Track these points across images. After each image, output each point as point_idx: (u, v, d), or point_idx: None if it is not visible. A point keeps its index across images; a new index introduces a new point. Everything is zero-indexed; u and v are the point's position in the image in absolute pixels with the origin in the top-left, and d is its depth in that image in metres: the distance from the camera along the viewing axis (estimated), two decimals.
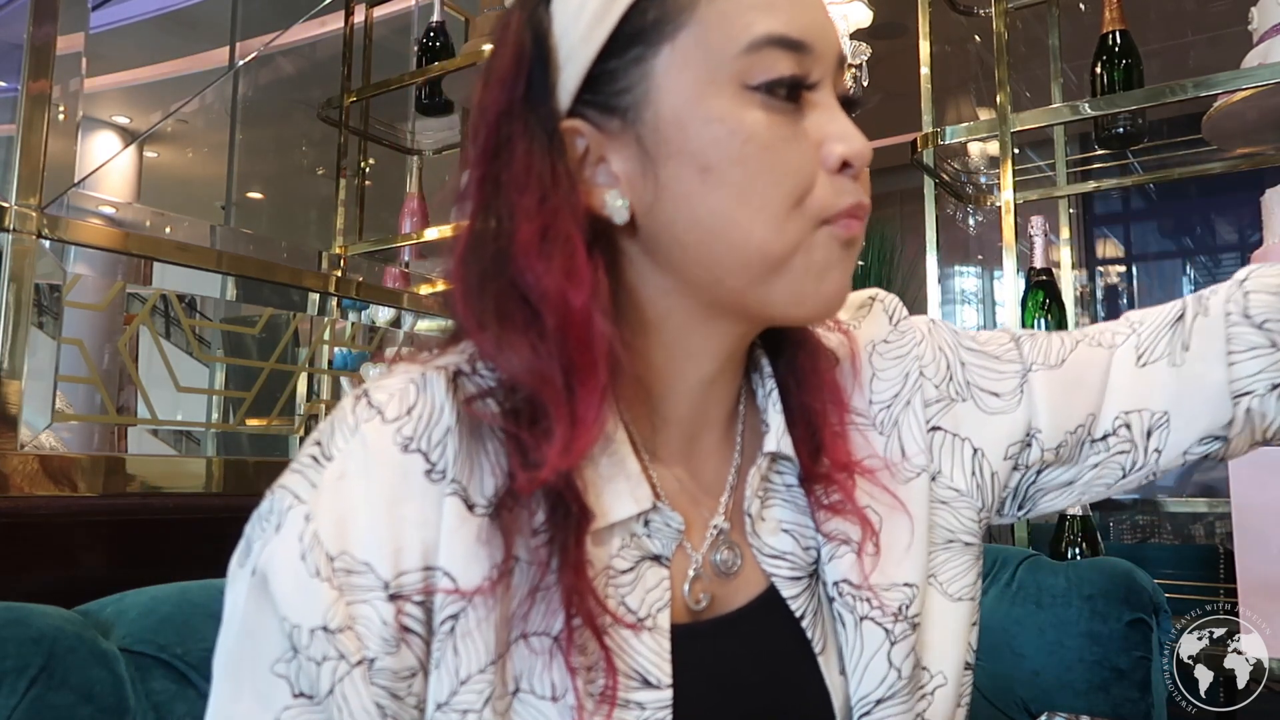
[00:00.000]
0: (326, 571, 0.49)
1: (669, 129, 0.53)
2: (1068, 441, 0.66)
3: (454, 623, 0.50)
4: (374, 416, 0.52)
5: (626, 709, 0.52)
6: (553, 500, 0.51)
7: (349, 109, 2.29)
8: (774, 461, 0.61)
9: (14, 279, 1.07)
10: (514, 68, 0.56)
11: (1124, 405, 0.65)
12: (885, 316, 0.68)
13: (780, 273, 0.53)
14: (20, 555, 0.97)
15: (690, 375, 0.59)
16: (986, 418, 0.66)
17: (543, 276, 0.52)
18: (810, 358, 0.63)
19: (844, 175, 0.54)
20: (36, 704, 0.72)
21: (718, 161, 0.52)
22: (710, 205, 0.53)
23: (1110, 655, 1.19)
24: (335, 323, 1.58)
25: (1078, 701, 1.19)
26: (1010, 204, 1.68)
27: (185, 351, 1.47)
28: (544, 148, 0.54)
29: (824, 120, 0.54)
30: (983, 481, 0.65)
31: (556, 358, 0.51)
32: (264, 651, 0.50)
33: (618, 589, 0.53)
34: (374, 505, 0.50)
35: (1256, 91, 1.52)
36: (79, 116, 1.17)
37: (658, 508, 0.55)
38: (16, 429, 1.05)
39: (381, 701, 0.49)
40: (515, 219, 0.53)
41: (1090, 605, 1.21)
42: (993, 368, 0.67)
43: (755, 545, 0.60)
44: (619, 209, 0.55)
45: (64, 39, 1.16)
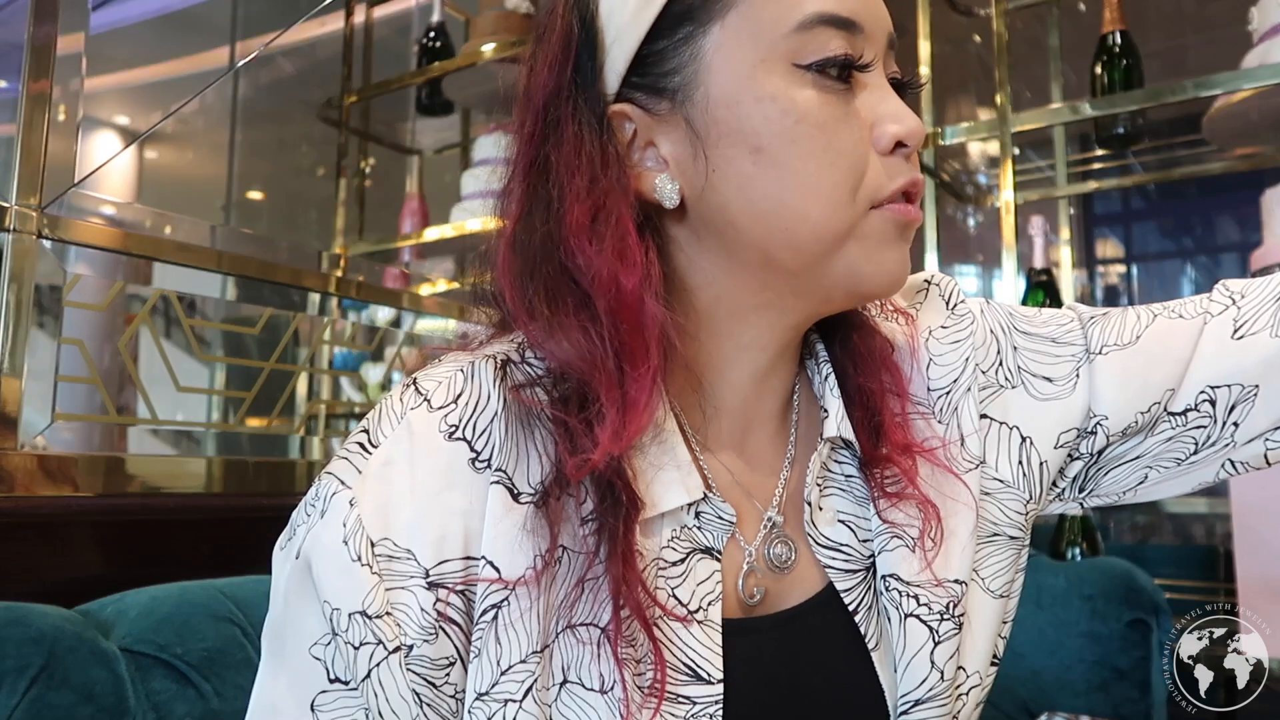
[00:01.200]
0: (368, 557, 0.49)
1: (720, 109, 0.52)
2: (1140, 421, 0.62)
3: (496, 612, 0.50)
4: (421, 404, 0.52)
5: (676, 703, 0.51)
6: (602, 488, 0.50)
7: (349, 109, 2.29)
8: (833, 449, 0.59)
9: (14, 279, 1.07)
10: (562, 51, 0.55)
11: (1210, 379, 0.61)
12: (942, 301, 0.66)
13: (835, 255, 0.53)
14: (20, 555, 0.97)
15: (743, 365, 0.58)
16: (1038, 404, 0.63)
17: (594, 259, 0.51)
18: (865, 340, 0.61)
19: (896, 155, 0.54)
20: (37, 704, 0.72)
21: (770, 142, 0.52)
22: (763, 187, 0.52)
23: (1110, 655, 1.19)
24: (335, 323, 1.58)
25: (1078, 701, 1.19)
26: (1010, 204, 1.68)
27: (185, 351, 1.47)
28: (593, 131, 0.54)
29: (876, 101, 0.54)
30: (1029, 471, 0.63)
31: (609, 341, 0.51)
32: (304, 633, 0.50)
33: (668, 581, 0.53)
34: (418, 493, 0.50)
35: (1256, 91, 1.52)
36: (79, 117, 1.17)
37: (708, 498, 0.55)
38: (16, 429, 1.05)
39: (418, 689, 0.49)
40: (565, 202, 0.53)
41: (1090, 605, 1.21)
42: (1048, 351, 0.64)
43: (811, 535, 0.58)
44: (669, 192, 0.54)
45: (64, 39, 1.15)
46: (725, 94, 0.52)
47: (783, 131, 0.51)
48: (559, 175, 0.53)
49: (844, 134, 0.52)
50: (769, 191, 0.52)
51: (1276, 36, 1.53)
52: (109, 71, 1.52)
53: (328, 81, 2.29)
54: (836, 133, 0.52)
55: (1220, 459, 0.64)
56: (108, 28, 1.35)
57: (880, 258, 0.53)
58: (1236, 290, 0.64)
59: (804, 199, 0.52)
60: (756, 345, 0.57)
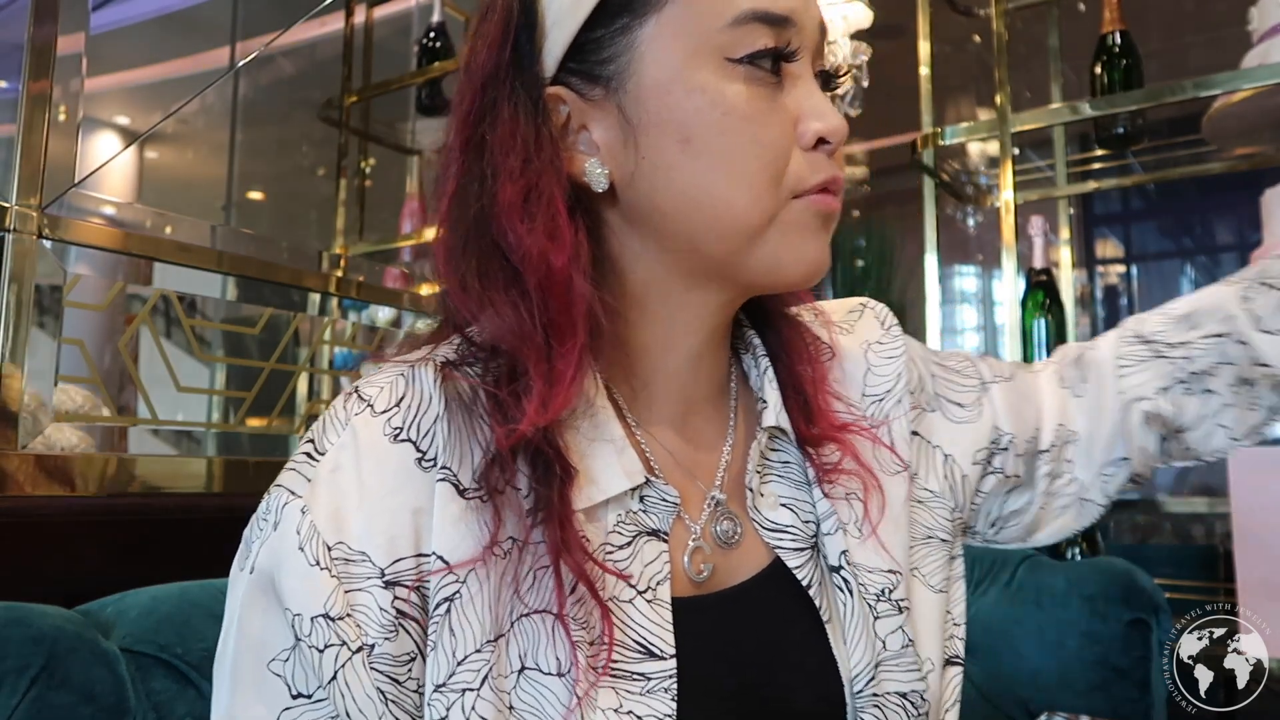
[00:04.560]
0: (325, 561, 0.50)
1: (651, 99, 0.54)
2: (1028, 450, 0.72)
3: (449, 604, 0.51)
4: (364, 409, 0.53)
5: (631, 680, 0.52)
6: (534, 459, 0.52)
7: (349, 109, 2.29)
8: (771, 437, 0.62)
9: (14, 279, 1.07)
10: (502, 32, 0.57)
11: (1058, 419, 0.72)
12: (877, 321, 0.71)
13: (757, 242, 0.55)
14: (20, 555, 0.97)
15: (678, 347, 0.60)
16: (955, 426, 0.70)
17: (524, 237, 0.53)
18: (795, 332, 0.65)
19: (819, 152, 0.55)
20: (37, 704, 0.72)
21: (699, 132, 0.53)
22: (690, 175, 0.54)
23: (1110, 655, 1.19)
24: (335, 323, 1.58)
25: (1078, 701, 1.19)
26: (1010, 204, 1.68)
27: (185, 351, 1.47)
28: (529, 112, 0.56)
29: (803, 96, 0.55)
30: (954, 484, 0.69)
31: (537, 316, 0.53)
32: (262, 649, 0.51)
33: (616, 564, 0.54)
34: (367, 496, 0.51)
35: (1256, 91, 1.52)
36: (79, 117, 1.17)
37: (651, 482, 0.56)
38: (17, 429, 1.05)
39: (383, 687, 0.50)
40: (499, 180, 0.54)
41: (1090, 605, 1.21)
42: (957, 381, 0.72)
43: (756, 520, 0.60)
44: (598, 177, 0.56)
45: (65, 39, 1.15)
46: (657, 84, 0.54)
47: (711, 123, 0.53)
48: (493, 154, 0.55)
49: (770, 126, 0.54)
50: (695, 180, 0.54)
51: (1276, 36, 1.53)
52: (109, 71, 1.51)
53: (328, 81, 2.29)
54: (763, 125, 0.54)
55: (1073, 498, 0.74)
56: (108, 28, 1.35)
57: (800, 245, 0.55)
58: (1059, 353, 0.77)
59: (729, 188, 0.53)
60: (689, 328, 0.60)
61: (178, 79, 1.80)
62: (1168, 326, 0.71)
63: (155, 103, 1.68)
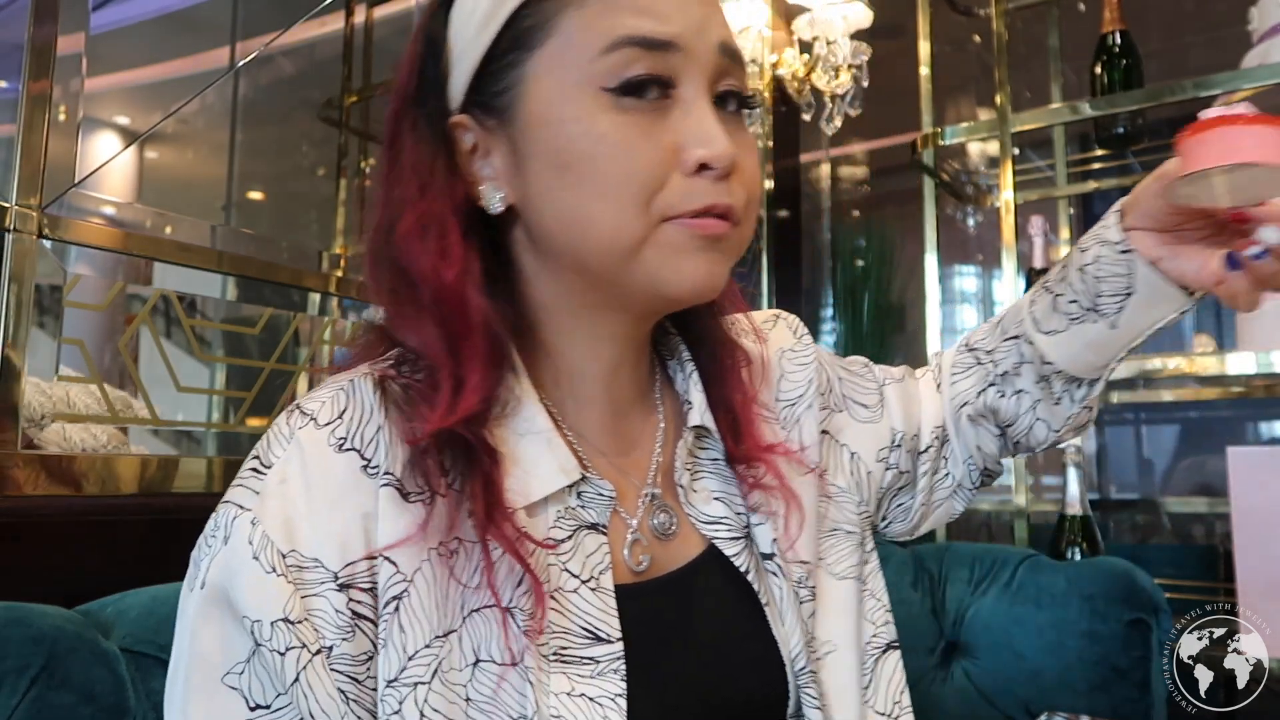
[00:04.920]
0: (281, 568, 0.51)
1: (535, 129, 0.56)
2: (912, 448, 0.78)
3: (398, 603, 0.53)
4: (308, 423, 0.56)
5: (581, 664, 0.55)
6: (458, 450, 0.55)
7: (349, 109, 2.29)
8: (699, 437, 0.66)
9: (15, 279, 1.07)
10: (408, 67, 0.61)
11: (934, 420, 0.79)
12: (789, 331, 0.77)
13: (633, 262, 0.56)
14: (20, 555, 0.97)
15: (601, 356, 0.63)
16: (860, 426, 0.76)
17: (419, 258, 0.57)
18: (728, 354, 0.69)
19: (703, 177, 0.55)
20: (37, 704, 0.72)
21: (573, 161, 0.55)
22: (568, 200, 0.56)
23: (1110, 655, 1.19)
24: (335, 323, 1.58)
25: (1078, 701, 1.19)
26: (1010, 204, 1.68)
27: (185, 351, 1.47)
28: (428, 142, 0.59)
29: (689, 121, 0.56)
30: (860, 480, 0.74)
31: (436, 326, 0.57)
32: (216, 664, 0.51)
33: (559, 557, 0.57)
34: (315, 504, 0.53)
35: (1256, 92, 1.52)
36: (80, 117, 1.17)
37: (587, 478, 0.59)
38: (17, 429, 1.05)
39: (343, 687, 0.51)
40: (401, 207, 0.59)
41: (1090, 605, 1.21)
42: (860, 383, 0.78)
43: (691, 514, 0.64)
44: (494, 201, 0.59)
45: (65, 39, 1.16)
46: (540, 116, 0.56)
47: (583, 151, 0.55)
48: (395, 185, 0.60)
49: (641, 154, 0.55)
50: (572, 204, 0.56)
51: (1276, 36, 1.53)
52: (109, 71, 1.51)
53: (328, 81, 2.29)
54: (633, 152, 0.55)
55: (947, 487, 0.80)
56: (108, 28, 1.34)
57: (677, 265, 0.56)
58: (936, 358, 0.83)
59: (600, 211, 0.55)
60: (607, 338, 0.63)
61: (178, 79, 1.80)
62: (986, 335, 0.79)
63: (155, 103, 1.68)
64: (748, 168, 0.58)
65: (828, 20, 2.08)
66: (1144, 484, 2.88)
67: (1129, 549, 2.21)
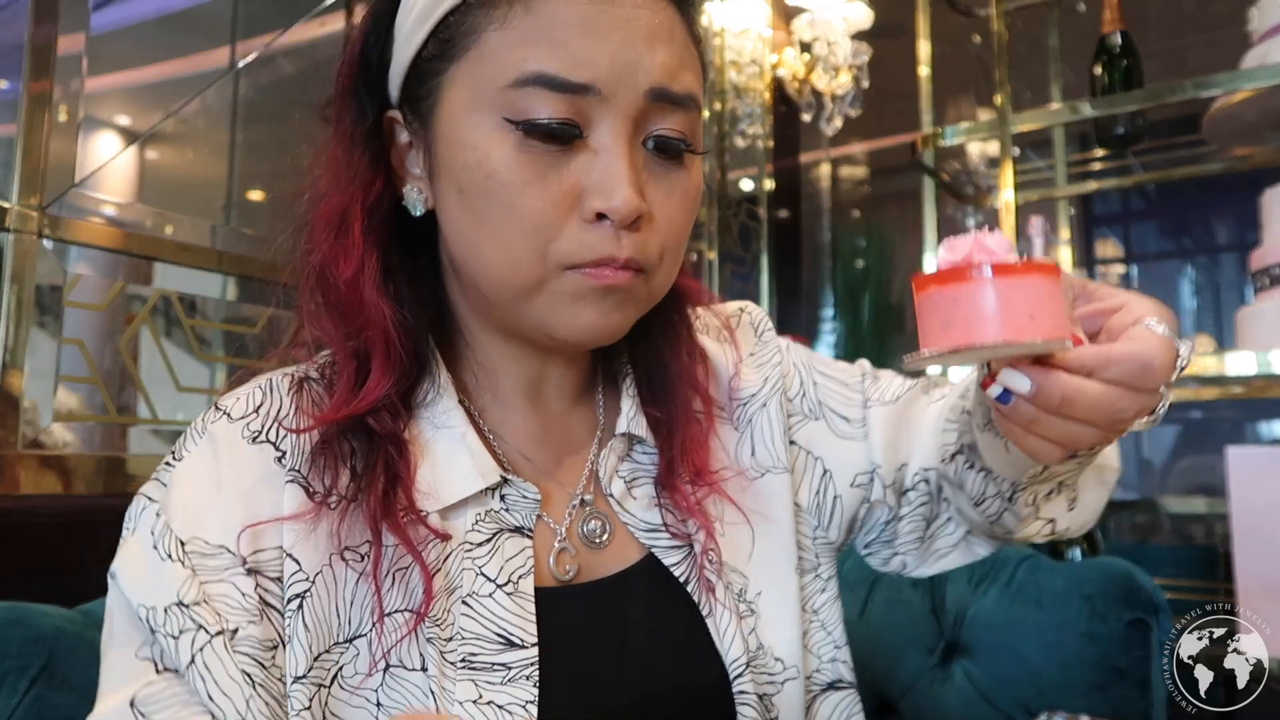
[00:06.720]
0: (178, 554, 0.51)
1: (441, 144, 0.55)
2: (896, 481, 0.69)
3: (301, 601, 0.52)
4: (221, 418, 0.56)
5: (491, 671, 0.53)
6: (355, 434, 0.55)
7: None
8: (632, 444, 0.63)
9: (15, 279, 1.07)
10: (353, 49, 0.59)
11: (925, 462, 0.68)
12: (751, 328, 0.72)
13: (525, 305, 0.54)
14: (20, 555, 0.97)
15: (523, 366, 0.61)
16: (839, 441, 0.69)
17: (322, 249, 0.57)
18: (674, 361, 0.64)
19: (602, 226, 0.52)
20: (37, 703, 0.72)
21: (467, 187, 0.53)
22: (464, 225, 0.54)
23: (1110, 655, 1.19)
24: None
25: (1078, 701, 1.19)
26: (1010, 204, 1.68)
27: (185, 351, 1.47)
28: (350, 134, 0.58)
29: (593, 168, 0.52)
30: (824, 502, 0.68)
31: (336, 320, 0.56)
32: (129, 643, 0.52)
33: (474, 561, 0.56)
34: (224, 492, 0.53)
35: (1256, 92, 1.52)
36: (80, 117, 1.17)
37: (510, 480, 0.57)
38: (17, 429, 1.05)
39: (249, 670, 0.51)
40: (319, 198, 0.58)
41: (1090, 605, 1.21)
42: (842, 393, 0.70)
43: (629, 522, 0.61)
44: (414, 202, 0.58)
45: (65, 39, 1.16)
46: (446, 131, 0.54)
47: (476, 182, 0.53)
48: (325, 171, 0.59)
49: (533, 197, 0.52)
50: (467, 231, 0.54)
51: (1276, 36, 1.53)
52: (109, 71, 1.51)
53: (328, 81, 2.29)
54: (524, 194, 0.52)
55: (956, 536, 0.70)
56: (108, 28, 1.34)
57: (569, 313, 0.54)
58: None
59: (489, 247, 0.53)
60: (525, 355, 0.61)
61: (178, 79, 1.80)
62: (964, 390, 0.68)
63: (155, 103, 1.68)
64: (664, 216, 0.54)
65: (827, 21, 2.08)
66: (1144, 484, 2.88)
67: (1129, 549, 2.21)
